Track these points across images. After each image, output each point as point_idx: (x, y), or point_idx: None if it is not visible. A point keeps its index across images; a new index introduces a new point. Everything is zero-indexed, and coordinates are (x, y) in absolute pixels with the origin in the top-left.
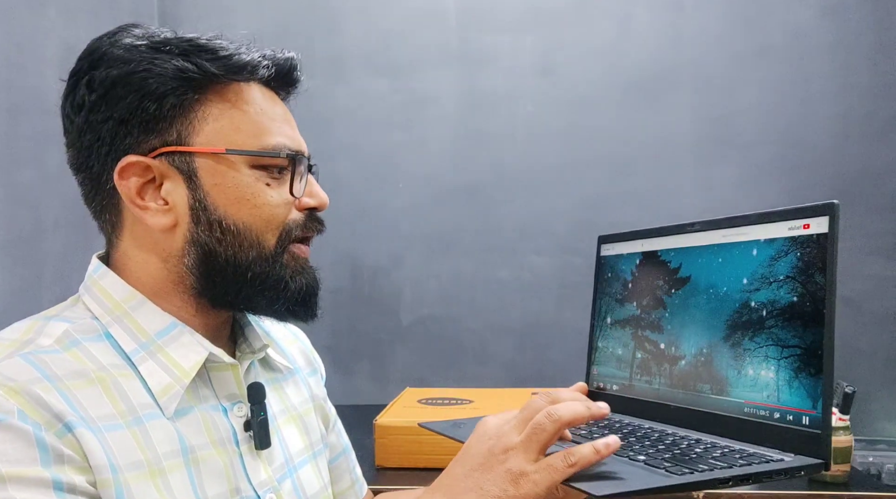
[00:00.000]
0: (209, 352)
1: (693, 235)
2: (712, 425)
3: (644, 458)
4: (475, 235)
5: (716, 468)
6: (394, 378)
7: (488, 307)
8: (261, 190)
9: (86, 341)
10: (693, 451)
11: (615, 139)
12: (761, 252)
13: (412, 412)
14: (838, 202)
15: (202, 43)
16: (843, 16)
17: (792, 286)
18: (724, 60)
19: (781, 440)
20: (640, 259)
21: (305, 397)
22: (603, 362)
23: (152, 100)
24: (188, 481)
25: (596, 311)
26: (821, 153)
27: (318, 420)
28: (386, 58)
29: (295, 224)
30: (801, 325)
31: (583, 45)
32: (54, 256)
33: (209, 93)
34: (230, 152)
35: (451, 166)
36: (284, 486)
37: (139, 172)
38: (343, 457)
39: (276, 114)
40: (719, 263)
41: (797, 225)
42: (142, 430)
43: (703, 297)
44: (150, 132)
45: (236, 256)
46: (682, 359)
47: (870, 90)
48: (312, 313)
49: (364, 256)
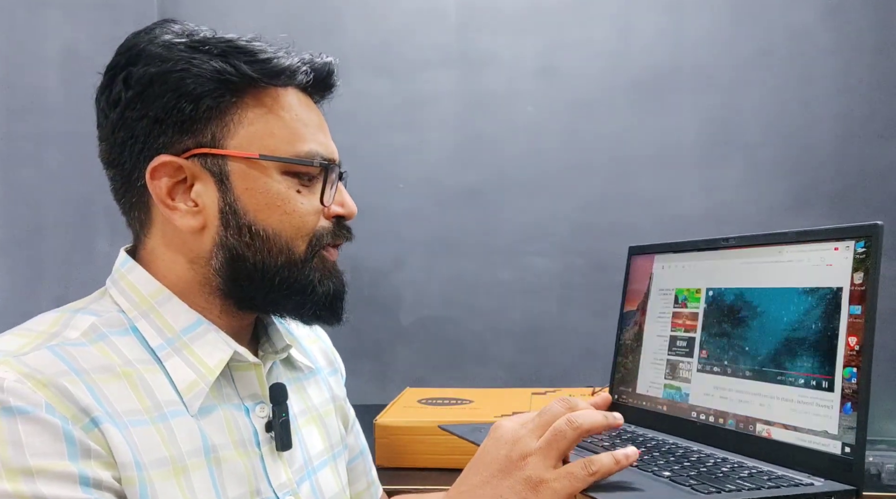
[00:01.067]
0: (234, 350)
1: (729, 253)
2: (741, 445)
3: (669, 474)
4: (476, 236)
5: (743, 489)
6: (394, 378)
7: (489, 309)
8: (292, 197)
9: (112, 335)
10: (720, 470)
11: (616, 141)
12: (802, 295)
13: (412, 412)
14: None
15: (241, 44)
16: (844, 17)
17: (831, 320)
18: (726, 62)
19: (810, 464)
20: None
21: (326, 398)
22: (629, 375)
23: (189, 100)
24: (210, 480)
25: (624, 323)
26: (823, 154)
27: (338, 421)
28: (386, 59)
29: (324, 231)
30: (837, 356)
31: (584, 47)
32: (54, 255)
33: (246, 96)
34: (263, 158)
35: (451, 168)
36: (303, 488)
37: (171, 172)
38: (361, 458)
39: (310, 120)
40: (761, 293)
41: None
42: (166, 426)
43: (744, 325)
44: (185, 133)
45: (265, 262)
46: (719, 377)
47: (871, 91)
48: (338, 317)
49: (364, 257)
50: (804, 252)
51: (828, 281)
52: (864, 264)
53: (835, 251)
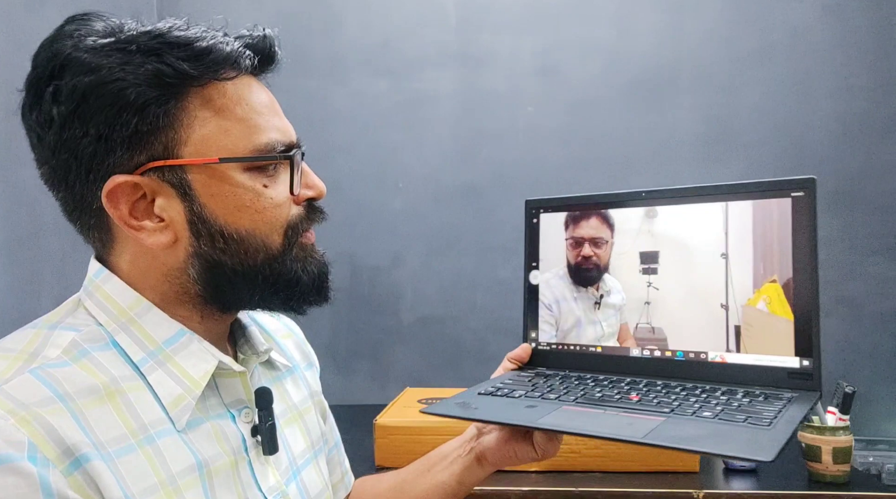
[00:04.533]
0: (219, 360)
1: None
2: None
3: (710, 414)
4: (475, 235)
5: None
6: (394, 378)
7: (488, 307)
8: (260, 193)
9: (94, 351)
10: (742, 400)
11: (615, 139)
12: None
13: (412, 412)
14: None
15: (174, 38)
16: (843, 15)
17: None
18: (725, 60)
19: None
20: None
21: (305, 395)
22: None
23: (132, 112)
24: (202, 496)
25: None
26: (821, 153)
27: (317, 416)
28: (385, 58)
29: (298, 219)
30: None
31: (583, 45)
32: (53, 255)
33: (192, 97)
34: (224, 161)
35: (451, 166)
36: (290, 489)
37: (128, 191)
38: (336, 450)
39: (263, 106)
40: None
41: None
42: (154, 449)
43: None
44: (135, 148)
45: (244, 263)
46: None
47: (870, 90)
48: (326, 296)
49: (364, 256)
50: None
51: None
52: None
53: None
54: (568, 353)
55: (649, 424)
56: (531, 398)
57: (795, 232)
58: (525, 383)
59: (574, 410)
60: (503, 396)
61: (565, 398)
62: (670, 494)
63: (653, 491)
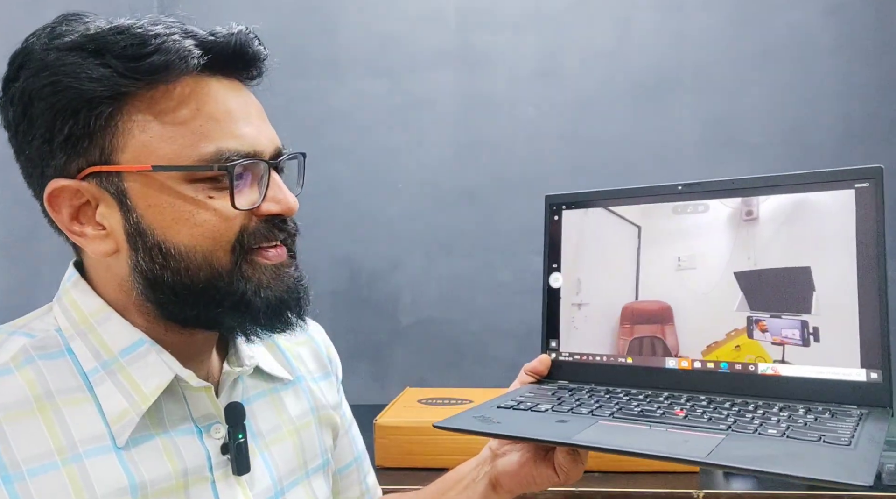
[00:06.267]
0: (175, 374)
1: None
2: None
3: (775, 432)
4: (475, 236)
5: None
6: (393, 378)
7: (488, 309)
8: (201, 206)
9: (42, 359)
10: (804, 417)
11: (617, 141)
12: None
13: (412, 412)
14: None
15: (116, 39)
16: (845, 16)
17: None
18: (727, 61)
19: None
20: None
21: (305, 409)
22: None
23: (67, 116)
24: None
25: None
26: (824, 154)
27: (319, 432)
28: (384, 59)
29: (252, 235)
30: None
31: (584, 47)
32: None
33: (133, 100)
34: (157, 169)
35: (450, 169)
36: None
37: (70, 196)
38: (354, 466)
39: (221, 111)
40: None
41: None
42: (80, 468)
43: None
44: (74, 152)
45: (184, 283)
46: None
47: (873, 91)
48: (288, 325)
49: (363, 258)
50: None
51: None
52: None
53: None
54: (593, 364)
55: (707, 442)
56: (560, 412)
57: (860, 228)
58: (549, 397)
59: (613, 425)
60: (527, 409)
61: (599, 413)
62: (670, 494)
63: (653, 491)
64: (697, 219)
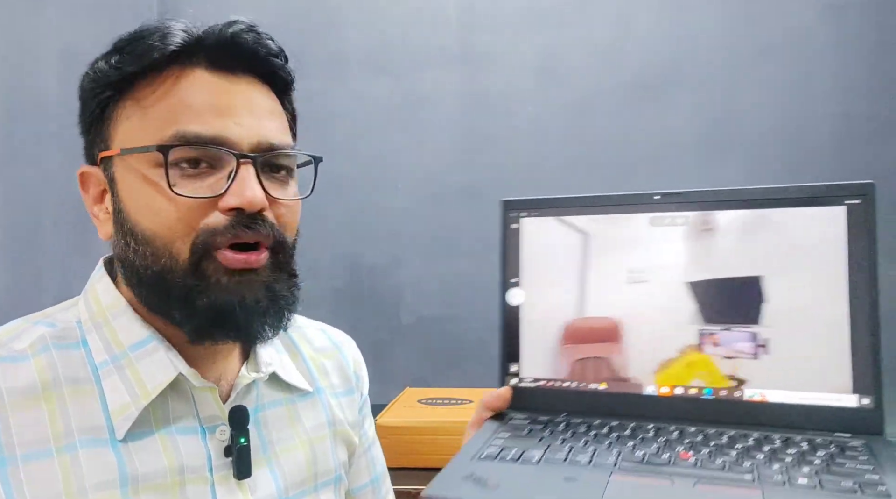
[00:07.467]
0: (179, 372)
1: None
2: (733, 415)
3: (806, 481)
4: (476, 235)
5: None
6: (394, 378)
7: (489, 308)
8: (161, 192)
9: (57, 349)
10: (811, 453)
11: (616, 140)
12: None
13: (412, 412)
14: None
15: (125, 37)
16: (844, 15)
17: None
18: (726, 60)
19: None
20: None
21: (322, 422)
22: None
23: (84, 108)
24: None
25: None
26: (823, 153)
27: (334, 447)
28: (385, 58)
29: (215, 229)
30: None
31: (584, 46)
32: (53, 255)
33: (129, 92)
34: (124, 152)
35: (451, 167)
36: None
37: (93, 181)
38: (370, 487)
39: (197, 98)
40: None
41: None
42: (73, 457)
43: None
44: (93, 139)
45: (148, 267)
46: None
47: (872, 90)
48: (228, 335)
49: (363, 256)
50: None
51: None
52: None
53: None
54: (562, 391)
55: None
56: (556, 464)
57: (851, 247)
58: (528, 438)
59: (630, 481)
60: (516, 461)
61: (601, 462)
62: None
63: None
64: (672, 232)
